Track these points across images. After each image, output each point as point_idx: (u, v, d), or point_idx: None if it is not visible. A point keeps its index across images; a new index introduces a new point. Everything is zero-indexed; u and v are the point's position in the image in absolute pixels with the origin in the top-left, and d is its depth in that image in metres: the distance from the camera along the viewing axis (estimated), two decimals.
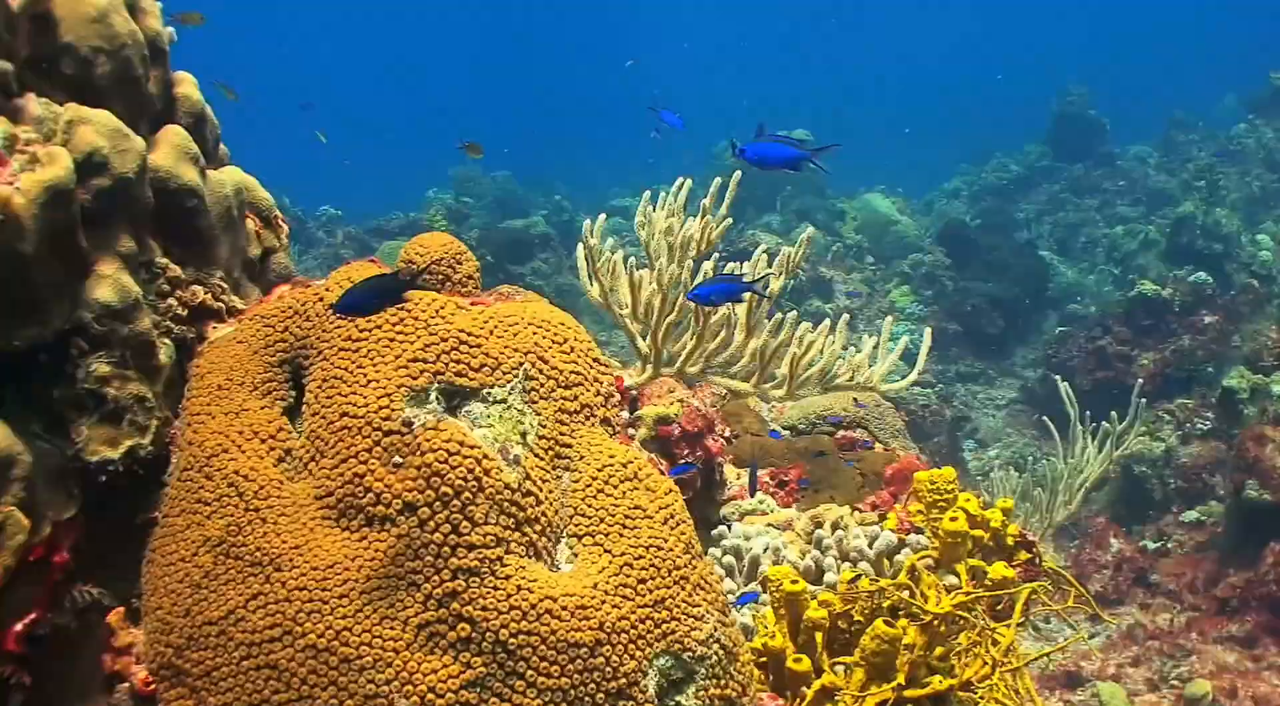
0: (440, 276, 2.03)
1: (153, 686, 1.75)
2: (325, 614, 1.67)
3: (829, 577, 2.36)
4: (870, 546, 2.44)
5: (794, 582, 2.16)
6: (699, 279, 1.89)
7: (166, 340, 1.90)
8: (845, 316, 2.02)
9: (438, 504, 1.68)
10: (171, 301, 1.91)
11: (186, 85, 2.11)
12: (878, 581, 2.20)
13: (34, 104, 1.77)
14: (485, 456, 1.71)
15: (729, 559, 2.61)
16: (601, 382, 1.96)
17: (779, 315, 1.93)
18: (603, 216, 1.99)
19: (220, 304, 2.00)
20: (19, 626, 1.72)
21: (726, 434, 3.48)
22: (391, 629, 1.66)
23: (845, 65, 33.87)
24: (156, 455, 1.85)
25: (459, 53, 37.12)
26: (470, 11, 36.47)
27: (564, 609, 1.70)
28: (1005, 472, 5.51)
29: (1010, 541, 2.47)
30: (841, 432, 3.43)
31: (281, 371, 1.88)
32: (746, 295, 1.96)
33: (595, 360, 1.97)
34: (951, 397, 8.69)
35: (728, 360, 2.01)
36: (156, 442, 1.85)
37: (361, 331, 1.81)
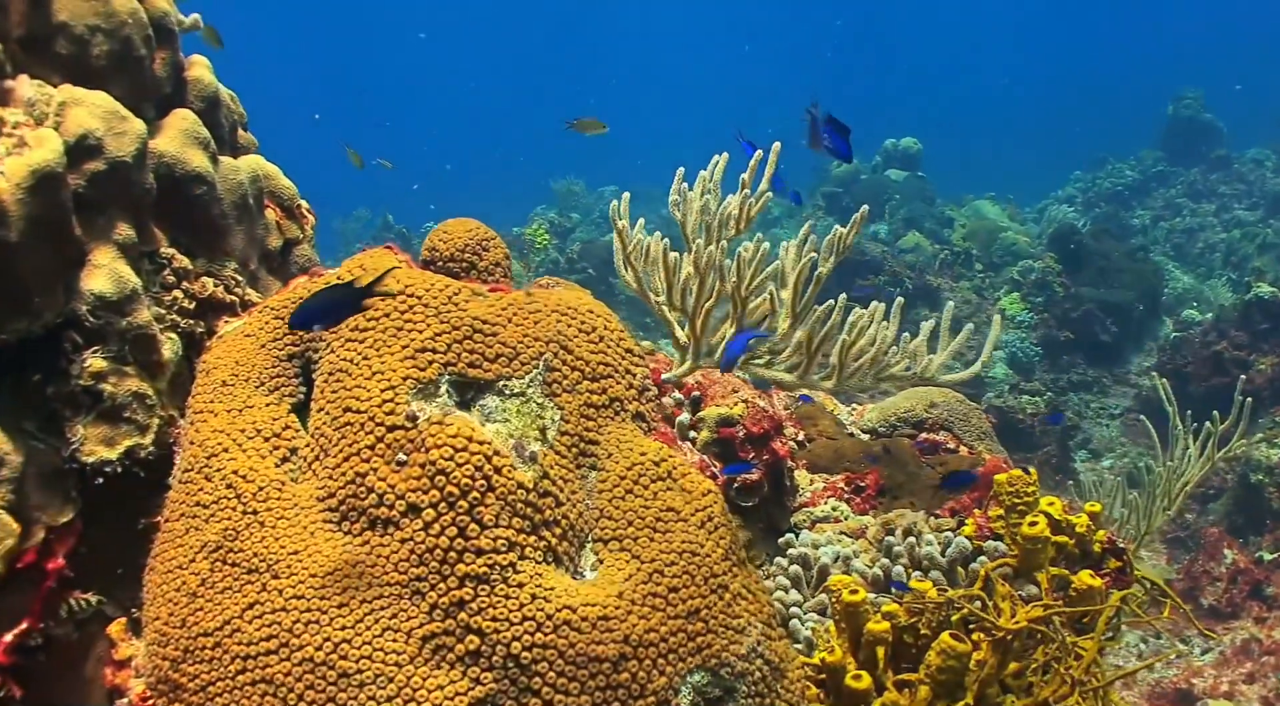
0: (465, 264, 1.90)
1: (150, 702, 1.64)
2: (324, 625, 1.54)
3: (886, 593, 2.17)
4: (943, 554, 2.24)
5: (853, 592, 1.98)
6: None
7: (172, 334, 1.80)
8: (900, 300, 1.84)
9: (443, 505, 1.54)
10: (177, 293, 1.81)
11: (199, 68, 2.01)
12: (946, 592, 2.01)
13: (25, 86, 1.68)
14: (496, 453, 1.57)
15: (795, 568, 2.44)
16: (634, 375, 1.81)
17: (829, 302, 1.76)
18: (627, 195, 1.84)
19: (233, 297, 1.89)
20: (8, 636, 1.63)
21: (800, 437, 3.30)
22: (394, 641, 1.52)
23: (955, 73, 33.35)
24: (159, 456, 1.74)
25: (573, 73, 37.46)
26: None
27: (584, 620, 1.55)
28: (1098, 476, 5.22)
29: (1098, 548, 2.25)
30: (923, 435, 3.22)
31: (291, 366, 1.76)
32: (791, 279, 1.78)
33: (628, 350, 1.81)
34: (1063, 406, 8.34)
35: (772, 349, 1.84)
36: (159, 442, 1.74)
37: (369, 320, 1.68)
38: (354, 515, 1.58)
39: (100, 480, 1.69)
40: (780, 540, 2.60)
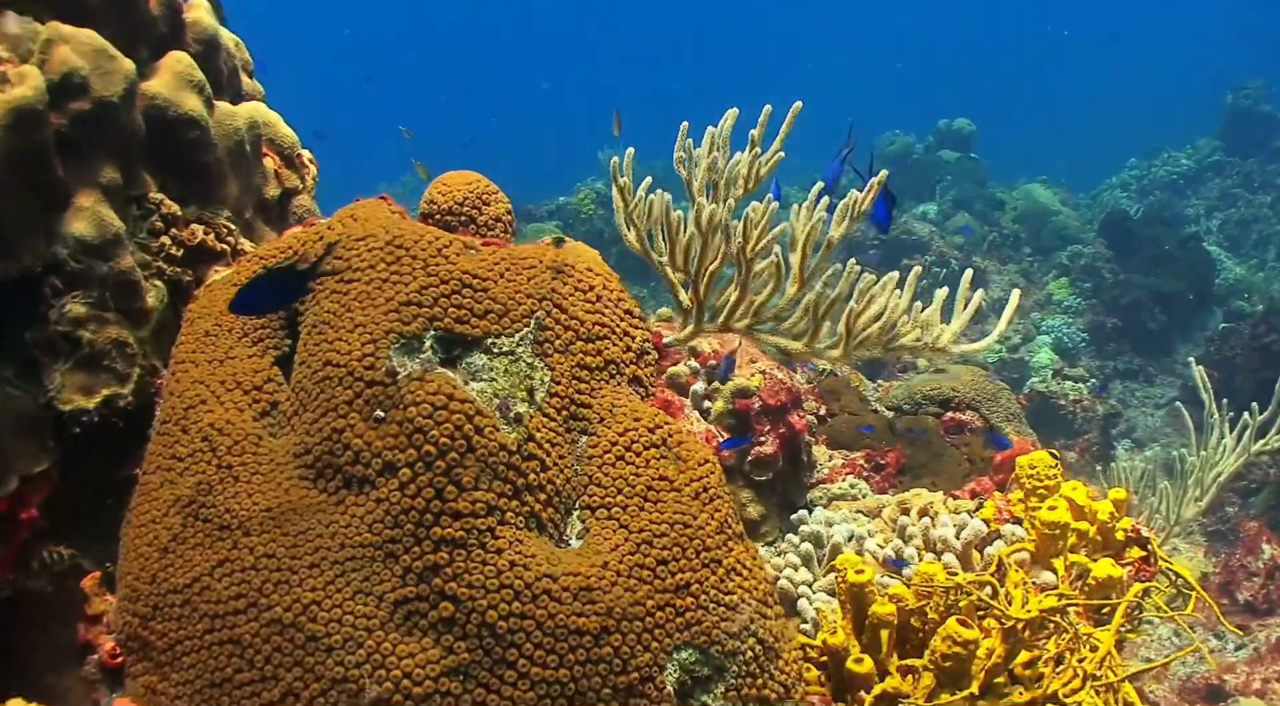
0: (463, 218, 1.83)
1: (119, 658, 1.59)
2: (293, 586, 1.48)
3: (905, 571, 2.09)
4: (958, 536, 2.15)
5: (859, 572, 1.90)
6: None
7: (158, 282, 1.74)
8: (916, 269, 1.74)
9: (420, 465, 1.47)
10: (165, 240, 1.75)
11: (198, 10, 1.94)
12: (955, 575, 1.92)
13: (11, 22, 1.62)
14: (478, 412, 1.50)
15: (806, 546, 2.36)
16: (633, 337, 1.73)
17: (836, 266, 1.67)
18: (631, 151, 1.75)
19: (224, 246, 1.84)
20: None
21: (821, 412, 3.21)
22: (365, 605, 1.46)
23: (1007, 57, 32.90)
24: (140, 406, 1.69)
25: (630, 42, 37.27)
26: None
27: (565, 590, 1.48)
28: (1130, 462, 5.08)
29: (1121, 537, 2.15)
30: (949, 414, 3.12)
31: (276, 317, 1.70)
32: (800, 241, 1.69)
33: (627, 312, 1.74)
34: (1107, 394, 8.17)
35: (778, 315, 1.75)
36: (140, 392, 1.69)
37: (355, 270, 1.62)
38: (330, 472, 1.52)
39: (78, 429, 1.64)
40: (793, 516, 2.52)
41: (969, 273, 1.76)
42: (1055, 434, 7.01)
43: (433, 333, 1.57)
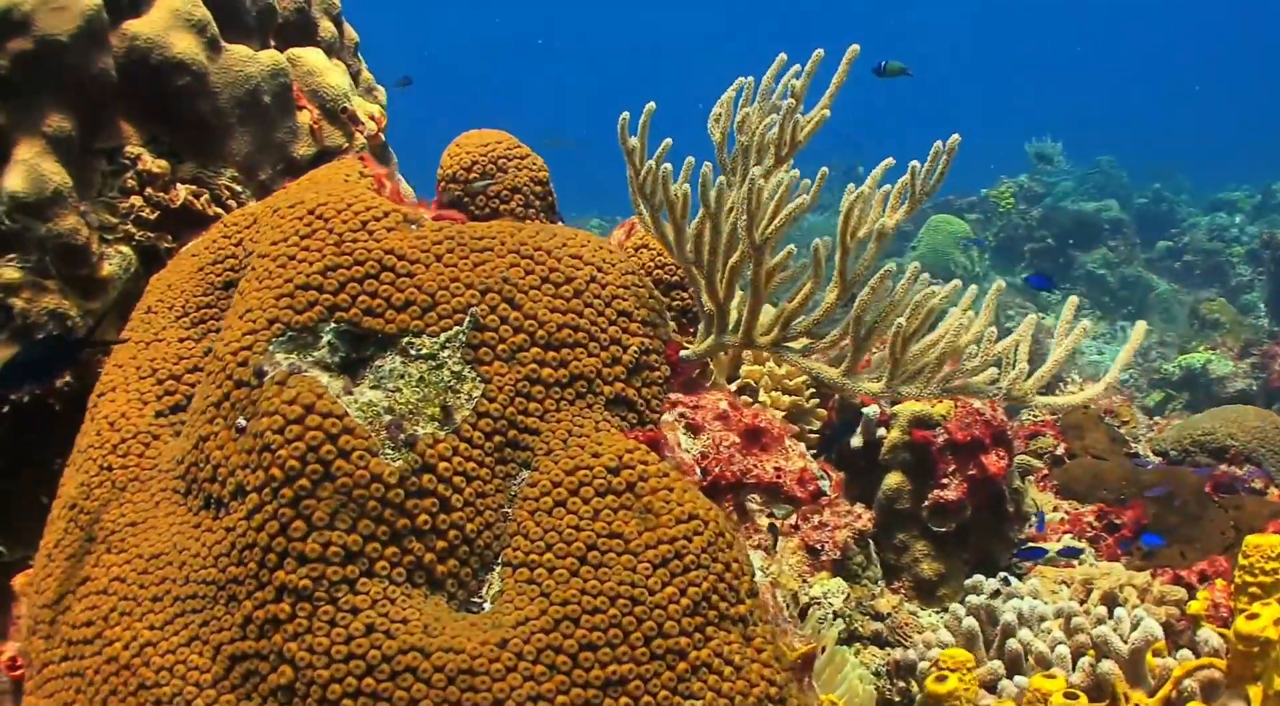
0: (470, 187, 1.51)
1: (19, 671, 1.41)
2: (134, 619, 1.22)
3: (1017, 681, 1.58)
4: (1126, 637, 1.60)
5: (940, 679, 1.42)
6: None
7: (124, 248, 1.54)
8: (999, 284, 1.21)
9: (267, 491, 1.17)
10: (136, 200, 1.54)
11: None
12: (1077, 697, 1.40)
13: None
14: (346, 432, 1.18)
15: (969, 622, 1.87)
16: (626, 348, 1.34)
17: (888, 265, 1.19)
18: (651, 106, 1.33)
19: (219, 210, 1.61)
20: None
21: (1059, 450, 2.63)
22: (201, 656, 1.18)
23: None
24: (83, 388, 1.50)
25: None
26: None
27: (438, 671, 1.13)
28: None
29: None
30: (1221, 468, 2.46)
31: (225, 295, 1.45)
32: (842, 228, 1.22)
33: (622, 313, 1.35)
34: None
35: (812, 330, 1.29)
36: (84, 373, 1.50)
37: (272, 244, 1.33)
38: (195, 488, 1.26)
39: (5, 409, 1.47)
40: (968, 582, 2.03)
41: (1073, 299, 1.23)
42: None
43: (333, 325, 1.26)
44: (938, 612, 2.19)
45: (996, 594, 1.96)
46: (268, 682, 1.15)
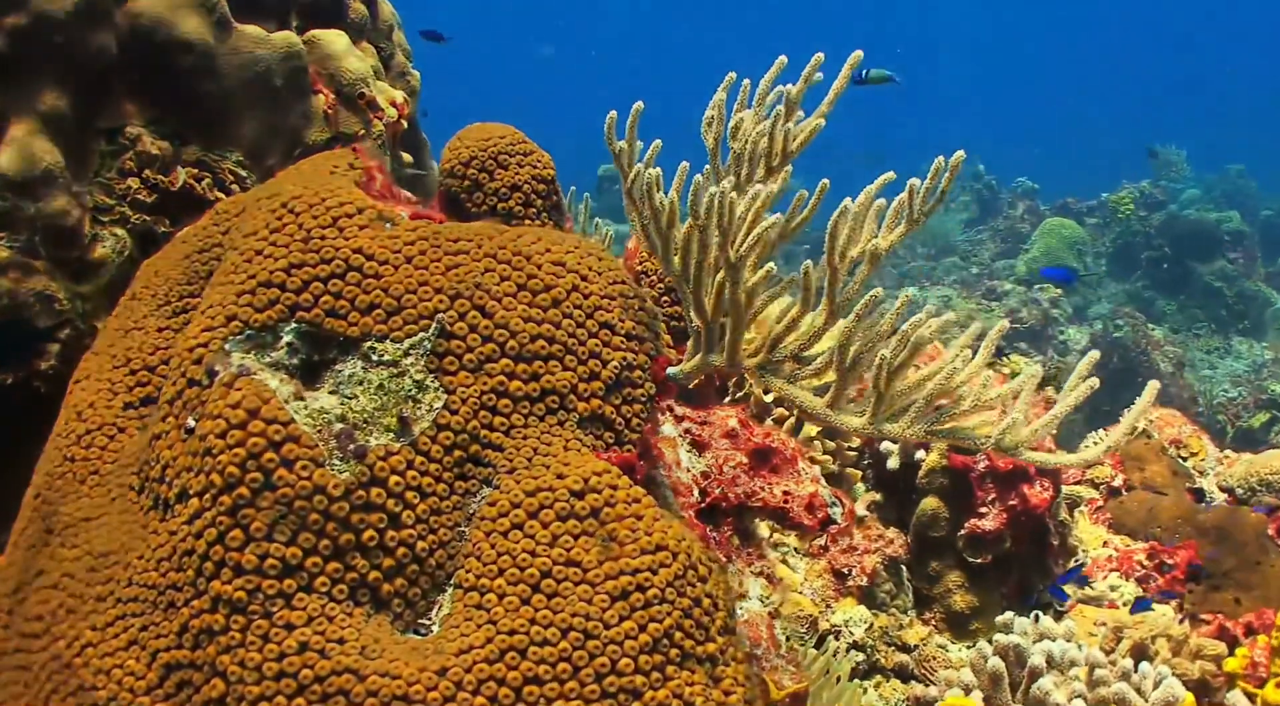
0: (468, 183, 1.45)
1: None
2: (79, 618, 1.20)
3: None
4: (1148, 696, 1.49)
5: None
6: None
7: (119, 230, 1.52)
8: (1003, 323, 1.10)
9: (207, 496, 1.12)
10: (132, 182, 1.51)
11: None
12: None
13: None
14: (290, 440, 1.13)
15: (995, 662, 1.76)
16: (607, 363, 1.27)
17: (876, 289, 1.10)
18: (639, 105, 1.24)
19: (221, 195, 1.58)
20: None
21: (1117, 482, 2.49)
22: (137, 661, 1.15)
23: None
24: (68, 371, 1.47)
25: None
26: None
27: (371, 695, 1.08)
28: None
29: None
30: None
31: (209, 285, 1.41)
32: (840, 260, 1.12)
33: (604, 325, 1.27)
34: None
35: (798, 354, 1.20)
36: (69, 356, 1.47)
37: (244, 237, 1.29)
38: (146, 487, 1.22)
39: None
40: (999, 619, 1.92)
41: (1094, 353, 1.12)
42: None
43: (294, 325, 1.21)
44: (969, 647, 2.09)
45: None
46: (200, 694, 1.11)
